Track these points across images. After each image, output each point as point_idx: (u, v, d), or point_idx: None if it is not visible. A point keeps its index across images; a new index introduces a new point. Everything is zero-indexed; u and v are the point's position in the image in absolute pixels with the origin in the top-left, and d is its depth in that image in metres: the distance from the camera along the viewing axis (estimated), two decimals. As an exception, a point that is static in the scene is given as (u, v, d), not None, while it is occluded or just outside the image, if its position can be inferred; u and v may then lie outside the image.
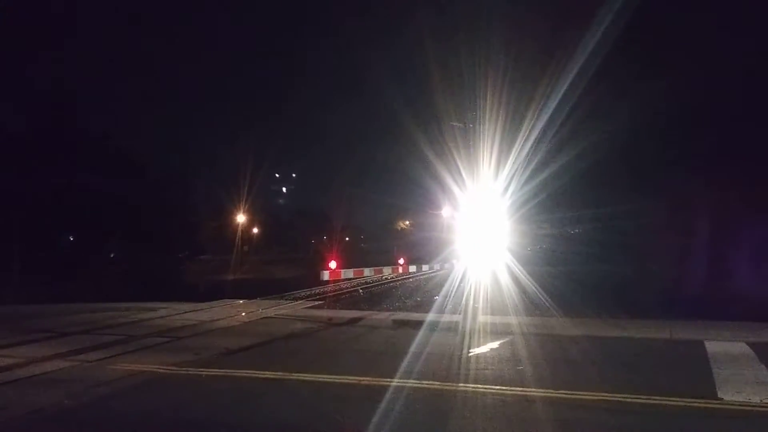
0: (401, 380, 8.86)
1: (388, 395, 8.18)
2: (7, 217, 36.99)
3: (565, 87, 22.69)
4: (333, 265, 20.59)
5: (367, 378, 8.99)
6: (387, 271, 34.67)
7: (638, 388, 8.33)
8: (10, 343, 11.87)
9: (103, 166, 43.36)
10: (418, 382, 8.77)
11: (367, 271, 31.13)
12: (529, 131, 23.42)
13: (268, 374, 9.37)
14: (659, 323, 14.58)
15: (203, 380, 9.14)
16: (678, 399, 7.92)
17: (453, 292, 20.25)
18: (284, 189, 61.47)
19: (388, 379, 8.88)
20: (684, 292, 18.43)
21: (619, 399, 7.94)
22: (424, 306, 18.96)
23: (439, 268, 38.74)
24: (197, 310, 18.00)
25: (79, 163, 41.75)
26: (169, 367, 9.82)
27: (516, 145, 23.07)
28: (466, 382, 8.81)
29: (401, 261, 36.62)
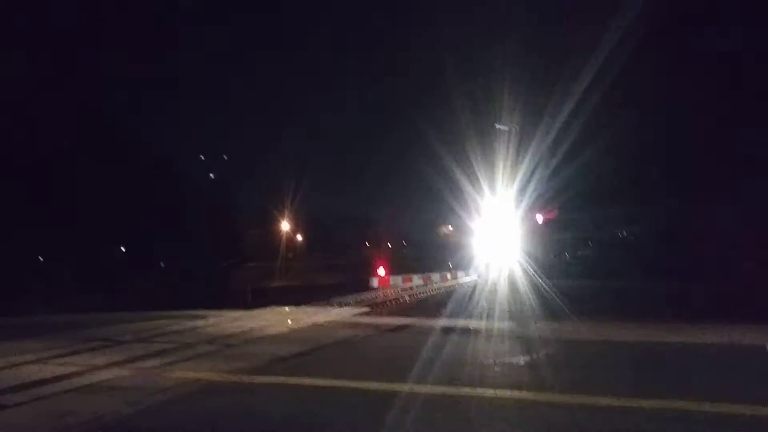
0: (454, 387, 8.75)
1: (440, 404, 8.11)
2: (60, 228, 38.20)
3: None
4: (382, 272, 20.70)
5: (420, 386, 8.90)
6: (435, 277, 34.49)
7: (700, 396, 8.04)
8: (69, 352, 12.19)
9: (150, 176, 44.35)
10: (471, 389, 8.65)
11: (415, 278, 31.05)
12: (559, 110, 22.95)
13: (321, 382, 9.37)
14: (717, 328, 14.12)
15: (257, 388, 9.19)
16: (744, 407, 7.61)
17: (502, 299, 20.05)
18: (211, 176, 57.85)
19: (442, 387, 8.80)
20: (746, 296, 17.69)
21: (681, 407, 7.67)
22: (474, 313, 18.78)
23: (487, 274, 38.48)
24: (246, 318, 18.23)
25: (127, 174, 42.78)
26: (222, 375, 9.91)
27: (544, 128, 22.60)
28: (519, 389, 8.64)
29: (449, 266, 36.48)
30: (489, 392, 8.51)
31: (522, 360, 10.98)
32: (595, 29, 22.52)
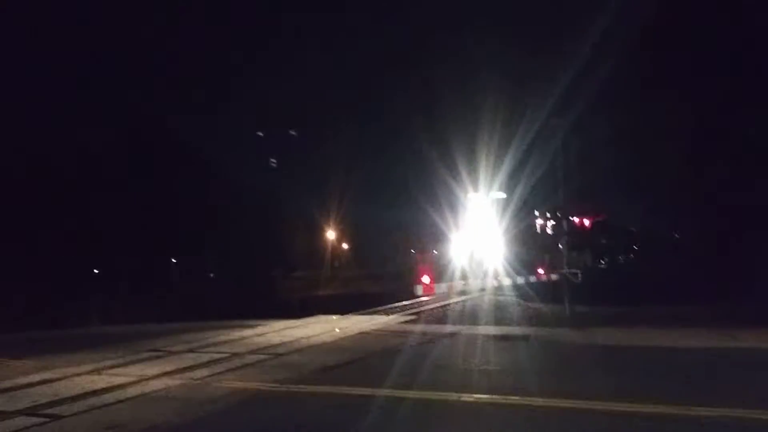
0: (501, 396, 8.61)
1: (488, 411, 7.99)
2: (114, 242, 39.30)
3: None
4: (426, 279, 20.57)
5: (466, 394, 8.81)
6: (479, 283, 34.30)
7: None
8: (122, 363, 12.46)
9: (200, 188, 45.07)
10: (521, 398, 8.48)
11: (459, 285, 30.78)
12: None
13: (368, 391, 9.32)
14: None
15: (306, 398, 9.21)
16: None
17: (548, 303, 19.65)
18: (273, 162, 54.42)
19: (489, 396, 8.68)
20: None
21: (738, 415, 7.38)
22: (521, 320, 18.52)
23: (534, 280, 37.97)
24: (294, 327, 18.33)
25: (177, 186, 43.52)
26: (271, 384, 9.97)
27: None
28: (576, 398, 8.43)
29: (493, 274, 36.31)
30: (538, 401, 8.35)
31: (573, 369, 10.77)
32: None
